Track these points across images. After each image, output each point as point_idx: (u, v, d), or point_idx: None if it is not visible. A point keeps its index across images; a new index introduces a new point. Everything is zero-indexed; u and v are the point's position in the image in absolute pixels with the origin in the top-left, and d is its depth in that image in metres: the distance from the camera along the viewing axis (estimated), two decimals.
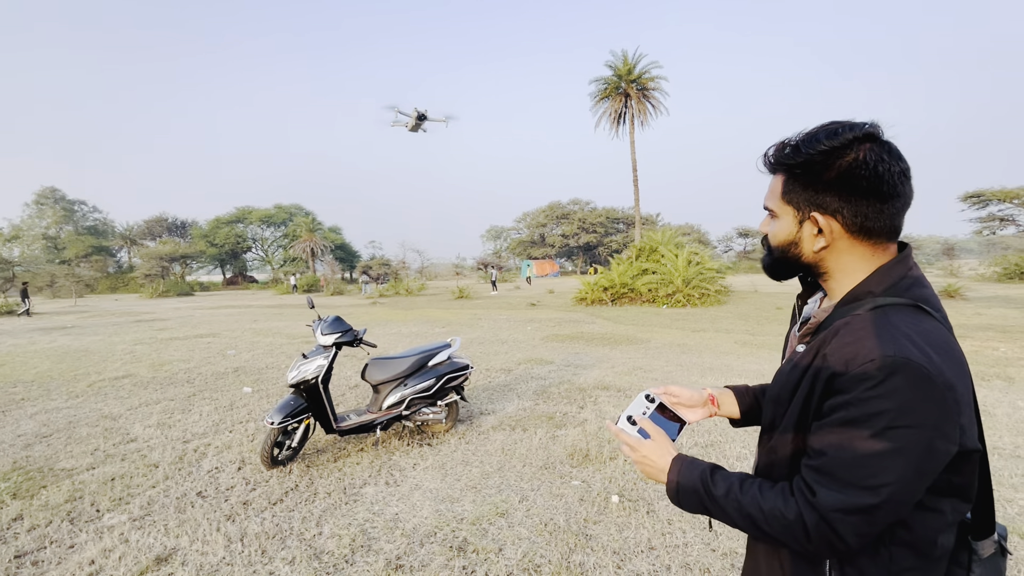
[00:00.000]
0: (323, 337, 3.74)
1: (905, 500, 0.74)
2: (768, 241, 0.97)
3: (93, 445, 4.09)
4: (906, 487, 0.73)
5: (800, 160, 0.85)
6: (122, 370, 7.25)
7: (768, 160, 0.93)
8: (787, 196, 0.89)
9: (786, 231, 0.91)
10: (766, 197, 0.95)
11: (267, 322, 14.07)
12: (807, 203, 0.86)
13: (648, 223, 57.10)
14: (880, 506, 0.73)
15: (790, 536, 0.79)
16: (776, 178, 0.92)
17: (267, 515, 2.88)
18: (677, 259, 17.64)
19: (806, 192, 0.86)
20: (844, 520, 0.74)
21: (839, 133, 0.82)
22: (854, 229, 0.84)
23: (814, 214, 0.86)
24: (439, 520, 2.79)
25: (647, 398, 1.06)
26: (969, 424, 0.76)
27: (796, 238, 0.90)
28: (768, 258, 0.98)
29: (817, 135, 0.84)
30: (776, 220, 0.93)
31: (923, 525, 0.80)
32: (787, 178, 0.89)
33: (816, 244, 0.87)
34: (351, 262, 58.51)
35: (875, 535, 0.76)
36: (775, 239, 0.94)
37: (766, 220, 0.98)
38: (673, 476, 0.94)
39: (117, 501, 3.09)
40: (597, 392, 5.41)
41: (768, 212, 0.96)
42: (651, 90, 29.10)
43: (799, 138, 0.87)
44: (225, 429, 4.44)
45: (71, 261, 48.62)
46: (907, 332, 0.75)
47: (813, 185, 0.85)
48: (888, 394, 0.71)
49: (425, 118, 25.12)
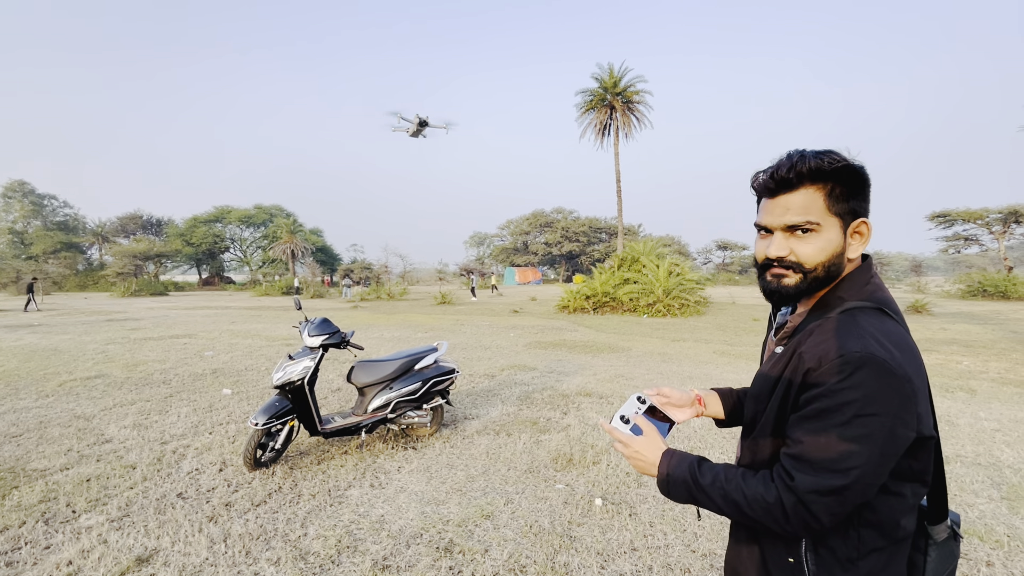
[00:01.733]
0: (310, 339, 3.73)
1: (872, 481, 0.83)
2: (798, 261, 0.93)
3: (66, 445, 3.99)
4: (872, 469, 0.81)
5: (841, 166, 0.89)
6: (94, 370, 7.05)
7: (795, 173, 0.90)
8: (834, 207, 0.91)
9: (836, 243, 0.92)
10: (793, 214, 0.92)
11: (245, 324, 13.82)
12: (850, 212, 0.92)
13: (630, 233, 57.87)
14: (850, 487, 0.81)
15: (770, 518, 0.88)
16: (806, 192, 0.91)
17: (250, 516, 2.86)
18: (658, 270, 17.92)
19: (851, 201, 0.91)
20: (818, 501, 0.83)
21: (835, 151, 0.91)
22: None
23: (862, 219, 0.93)
24: (425, 522, 2.81)
25: (639, 399, 1.13)
26: (925, 413, 0.86)
27: (843, 247, 0.93)
28: (804, 279, 0.94)
29: (827, 152, 0.90)
30: (816, 235, 0.91)
31: (887, 507, 0.89)
32: (832, 188, 0.90)
33: (855, 250, 0.95)
34: (332, 265, 57.83)
35: (845, 514, 0.85)
36: (821, 255, 0.92)
37: (785, 242, 0.94)
38: (663, 469, 1.01)
39: (94, 502, 3.03)
40: (580, 398, 5.48)
41: (793, 230, 0.93)
42: (636, 103, 29.63)
43: (815, 152, 0.90)
44: (205, 431, 4.37)
45: (39, 257, 46.97)
46: (872, 332, 0.85)
47: (852, 192, 0.91)
48: (856, 385, 0.81)
49: (426, 124, 25.26)
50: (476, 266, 59.02)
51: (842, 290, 0.94)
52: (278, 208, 60.68)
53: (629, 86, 29.25)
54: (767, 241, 0.98)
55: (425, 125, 25.23)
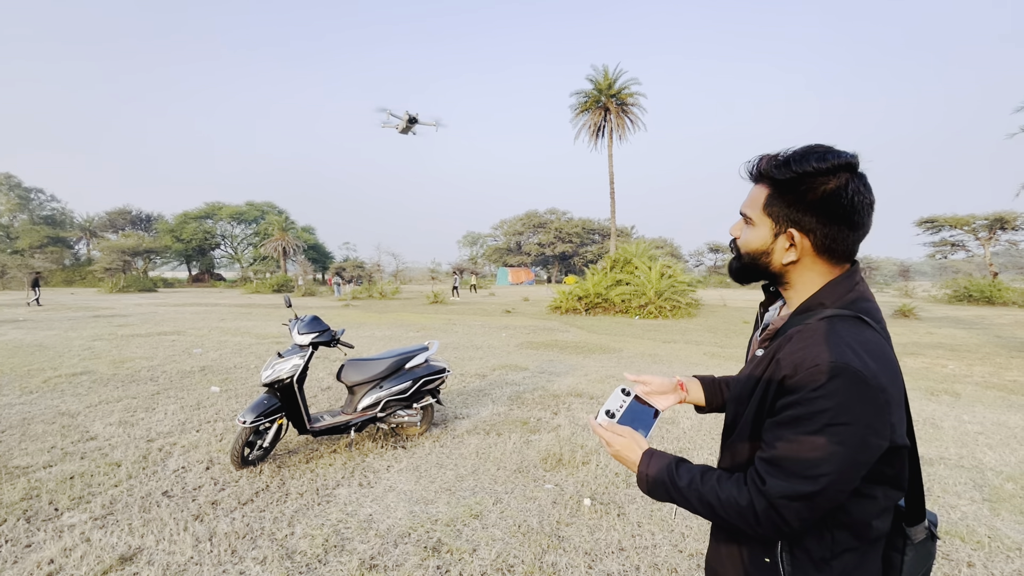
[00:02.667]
0: (300, 336, 3.71)
1: (842, 488, 0.83)
2: (739, 246, 1.02)
3: (50, 443, 3.94)
4: (842, 477, 0.82)
5: (789, 177, 0.90)
6: (80, 366, 6.96)
7: (756, 170, 0.97)
8: (768, 208, 0.95)
9: (760, 240, 0.97)
10: (745, 204, 1.00)
11: (235, 321, 13.70)
12: (786, 219, 0.93)
13: (623, 235, 58.09)
14: (820, 493, 0.82)
15: (743, 520, 0.89)
16: (759, 188, 0.97)
17: (237, 515, 2.83)
18: (650, 271, 17.99)
19: (788, 208, 0.92)
20: (788, 506, 0.84)
21: (827, 158, 0.88)
22: (821, 249, 0.93)
23: (791, 230, 0.93)
24: (413, 521, 2.80)
25: (623, 392, 1.15)
26: (899, 422, 0.87)
27: (768, 248, 0.97)
28: (737, 262, 1.04)
29: (807, 156, 0.90)
30: (752, 228, 0.99)
31: (860, 510, 0.90)
32: (772, 191, 0.94)
33: (786, 257, 0.96)
34: (324, 263, 57.52)
35: (815, 519, 0.86)
36: (748, 246, 1.00)
37: (739, 225, 1.03)
38: (643, 468, 1.03)
39: (77, 500, 2.99)
40: (570, 399, 5.49)
41: (743, 218, 1.01)
42: (630, 105, 29.72)
43: (789, 155, 0.92)
44: (192, 428, 4.33)
45: (24, 251, 46.27)
46: (849, 341, 0.85)
47: (796, 203, 0.91)
48: (829, 395, 0.81)
49: (416, 121, 25.08)
50: (468, 266, 58.98)
51: (823, 296, 0.95)
52: (270, 205, 60.23)
53: (623, 88, 29.35)
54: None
55: (414, 122, 25.06)
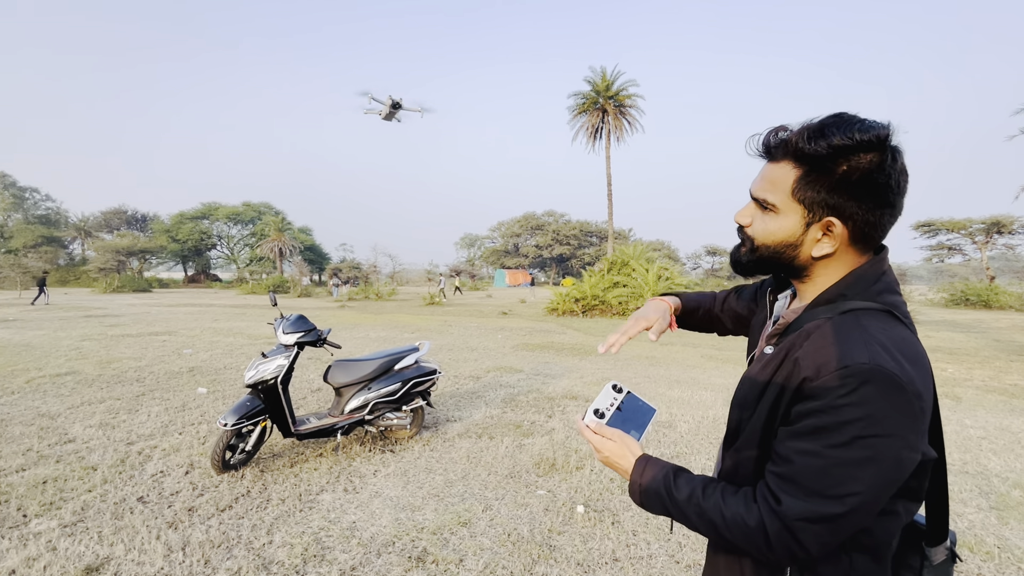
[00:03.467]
0: (284, 336, 3.59)
1: (870, 510, 0.72)
2: (750, 235, 0.87)
3: (26, 445, 3.80)
4: (872, 497, 0.71)
5: (828, 152, 0.75)
6: (65, 367, 6.81)
7: (775, 145, 0.81)
8: (800, 192, 0.79)
9: (787, 231, 0.82)
10: (761, 187, 0.84)
11: (228, 322, 13.55)
12: (823, 205, 0.78)
13: (620, 237, 58.11)
14: (845, 515, 0.71)
15: (750, 543, 0.77)
16: (782, 167, 0.81)
17: (213, 522, 2.70)
18: (648, 273, 17.91)
19: (827, 193, 0.77)
20: (807, 529, 0.72)
21: (868, 128, 0.73)
22: (857, 238, 0.80)
23: (831, 219, 0.78)
24: (398, 529, 2.68)
25: (614, 388, 1.02)
26: (925, 431, 0.75)
27: (798, 240, 0.82)
28: (750, 255, 0.88)
29: (845, 126, 0.74)
30: (773, 216, 0.83)
31: (883, 530, 0.79)
32: (804, 172, 0.78)
33: (819, 250, 0.82)
34: (321, 264, 57.30)
35: (836, 544, 0.75)
36: (769, 237, 0.84)
37: (749, 210, 0.88)
38: (636, 477, 0.91)
39: (48, 506, 2.86)
40: (565, 401, 5.38)
41: (758, 203, 0.85)
42: (628, 107, 29.71)
43: (822, 125, 0.76)
44: (175, 431, 4.19)
45: (18, 251, 45.94)
46: (880, 339, 0.74)
47: (837, 186, 0.76)
48: (860, 402, 0.69)
49: (399, 106, 24.03)
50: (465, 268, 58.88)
51: (846, 286, 0.82)
52: (267, 205, 60.03)
53: (621, 90, 29.33)
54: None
55: (398, 107, 23.99)
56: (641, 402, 1.02)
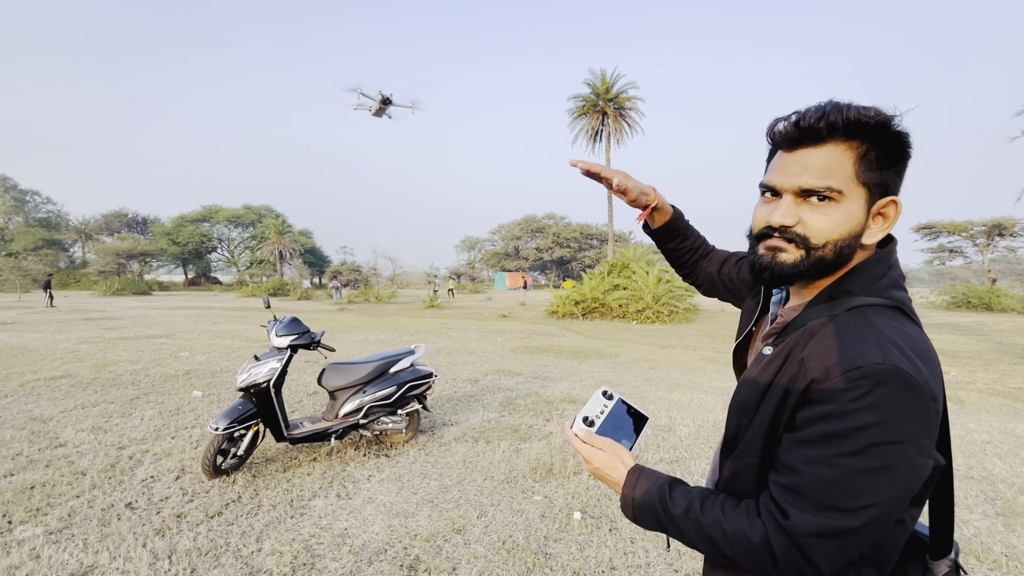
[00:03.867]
0: (277, 339, 3.54)
1: (885, 523, 0.67)
2: (804, 235, 0.75)
3: (16, 449, 3.74)
4: (888, 508, 0.66)
5: (889, 120, 0.71)
6: (61, 369, 6.77)
7: (839, 122, 0.72)
8: (864, 174, 0.72)
9: (855, 220, 0.74)
10: (814, 175, 0.73)
11: (227, 324, 13.50)
12: (882, 185, 0.74)
13: (621, 240, 58.04)
14: (859, 530, 0.65)
15: (754, 561, 0.71)
16: (832, 149, 0.73)
17: (202, 529, 2.65)
18: (648, 276, 17.85)
19: (885, 171, 0.73)
20: (818, 545, 0.66)
21: (886, 109, 0.72)
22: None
23: (894, 199, 0.75)
24: (391, 536, 2.62)
25: (604, 395, 0.96)
26: (936, 436, 0.70)
27: (863, 228, 0.75)
28: (808, 259, 0.76)
29: (883, 109, 0.72)
30: (835, 205, 0.74)
31: (893, 540, 0.75)
32: (867, 151, 0.72)
33: (873, 235, 0.76)
34: (321, 267, 57.29)
35: (848, 561, 0.69)
36: (836, 231, 0.74)
37: (794, 207, 0.76)
38: (628, 490, 0.85)
39: (34, 512, 2.80)
40: (564, 405, 5.32)
41: (807, 195, 0.75)
42: (628, 109, 29.70)
43: (879, 108, 0.72)
44: (167, 435, 4.14)
45: (18, 254, 45.95)
46: (892, 337, 0.68)
47: (892, 161, 0.73)
48: (874, 406, 0.64)
49: (390, 102, 23.36)
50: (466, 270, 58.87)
51: (851, 282, 0.77)
52: (267, 208, 60.02)
53: (621, 92, 29.32)
54: (772, 205, 0.78)
55: (389, 103, 23.31)
56: (633, 409, 0.97)
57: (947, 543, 0.84)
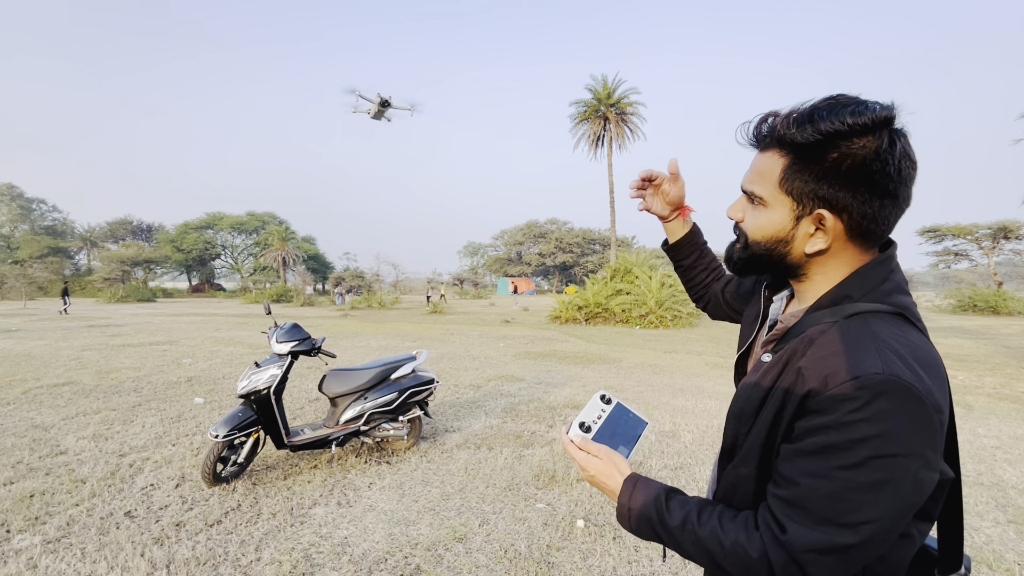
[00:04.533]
0: (278, 345, 3.52)
1: (886, 538, 0.64)
2: (744, 231, 0.82)
3: (16, 457, 3.73)
4: (890, 524, 0.63)
5: (816, 139, 0.69)
6: (64, 377, 6.77)
7: (764, 132, 0.76)
8: (787, 183, 0.73)
9: (777, 225, 0.76)
10: (750, 178, 0.79)
11: (230, 331, 13.52)
12: (812, 196, 0.72)
13: (624, 245, 58.02)
14: (859, 545, 0.63)
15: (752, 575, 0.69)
16: (769, 157, 0.76)
17: (201, 538, 2.62)
18: (651, 281, 17.82)
19: (816, 182, 0.71)
20: (817, 561, 0.64)
21: (864, 111, 0.67)
22: (856, 232, 0.73)
23: (821, 211, 0.72)
24: (391, 545, 2.59)
25: (602, 399, 0.93)
26: (942, 447, 0.67)
27: (788, 235, 0.76)
28: (743, 252, 0.83)
29: (837, 109, 0.68)
30: (763, 209, 0.78)
31: (898, 555, 0.72)
32: (791, 160, 0.73)
33: (811, 245, 0.75)
34: (324, 273, 57.45)
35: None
36: (759, 232, 0.79)
37: (740, 204, 0.83)
38: (624, 499, 0.82)
39: (32, 520, 2.78)
40: (567, 411, 5.28)
41: (747, 196, 0.81)
42: (629, 115, 29.78)
43: (812, 109, 0.70)
44: (168, 442, 4.12)
45: (24, 262, 46.27)
46: (893, 346, 0.66)
47: (827, 175, 0.70)
48: (874, 418, 0.61)
49: (389, 105, 23.37)
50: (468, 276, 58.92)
51: (851, 286, 0.74)
52: (271, 215, 60.36)
53: (623, 97, 29.41)
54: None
55: (387, 106, 23.32)
56: (631, 414, 0.94)
57: (956, 558, 0.81)
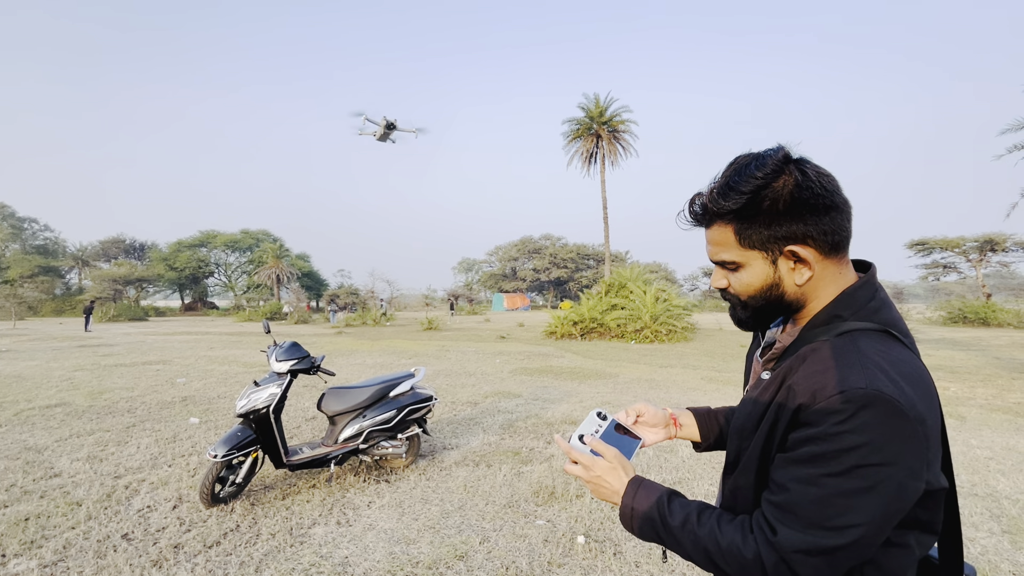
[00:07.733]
0: (277, 364, 3.53)
1: (871, 542, 0.69)
2: (736, 294, 0.88)
3: (10, 480, 3.69)
4: (873, 528, 0.68)
5: (745, 200, 0.78)
6: (56, 398, 6.70)
7: (700, 213, 0.85)
8: (747, 242, 0.81)
9: (761, 276, 0.83)
10: (714, 252, 0.86)
11: (224, 350, 13.43)
12: (773, 240, 0.80)
13: (618, 260, 58.35)
14: (845, 548, 0.68)
15: (747, 575, 0.74)
16: (719, 229, 0.84)
17: (200, 560, 2.60)
18: (645, 296, 17.92)
19: (767, 230, 0.79)
20: (805, 562, 0.69)
21: (765, 162, 0.77)
22: (826, 249, 0.80)
23: (790, 248, 0.79)
24: (392, 564, 2.58)
25: (599, 416, 1.00)
26: (935, 459, 0.73)
27: (775, 279, 0.83)
28: (746, 311, 0.88)
29: (744, 171, 0.79)
30: (742, 270, 0.85)
31: (892, 562, 0.76)
32: (738, 224, 0.81)
33: (799, 277, 0.81)
34: (318, 290, 57.22)
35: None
36: (750, 288, 0.85)
37: (720, 274, 0.89)
38: (628, 500, 0.87)
39: (28, 544, 2.75)
40: (565, 426, 5.29)
41: (721, 266, 0.88)
42: (621, 132, 30.23)
43: (726, 181, 0.80)
44: (164, 463, 4.09)
45: (14, 281, 45.80)
46: (878, 361, 0.72)
47: (773, 220, 0.78)
48: (858, 429, 0.67)
49: (394, 127, 23.99)
50: (463, 292, 58.92)
51: (840, 306, 0.80)
52: (265, 233, 60.24)
53: (615, 115, 29.89)
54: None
55: (393, 128, 23.93)
56: (626, 430, 1.01)
57: (957, 567, 0.85)
